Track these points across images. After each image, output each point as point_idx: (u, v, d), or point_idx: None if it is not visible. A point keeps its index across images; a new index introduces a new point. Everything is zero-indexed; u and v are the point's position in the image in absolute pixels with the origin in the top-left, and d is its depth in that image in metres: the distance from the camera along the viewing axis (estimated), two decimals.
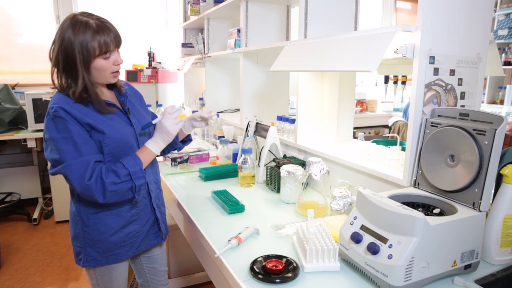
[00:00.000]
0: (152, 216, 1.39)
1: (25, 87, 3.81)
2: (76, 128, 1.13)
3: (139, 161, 1.21)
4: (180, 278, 2.46)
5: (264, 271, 0.99)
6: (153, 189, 1.39)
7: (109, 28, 1.16)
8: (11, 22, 3.78)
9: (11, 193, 3.70)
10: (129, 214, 1.31)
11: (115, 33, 1.18)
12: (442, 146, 1.07)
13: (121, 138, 1.22)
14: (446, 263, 0.92)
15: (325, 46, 1.47)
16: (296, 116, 1.85)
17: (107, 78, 1.21)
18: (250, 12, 2.28)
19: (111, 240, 1.29)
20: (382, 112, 4.75)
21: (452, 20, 1.17)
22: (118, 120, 1.25)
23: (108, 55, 1.16)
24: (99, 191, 1.13)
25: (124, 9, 4.14)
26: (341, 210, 1.30)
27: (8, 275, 2.59)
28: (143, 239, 1.38)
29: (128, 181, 1.17)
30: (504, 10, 4.00)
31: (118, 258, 1.32)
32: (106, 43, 1.14)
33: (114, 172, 1.15)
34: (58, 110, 1.13)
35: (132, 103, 1.36)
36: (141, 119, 1.35)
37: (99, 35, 1.13)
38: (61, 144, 1.13)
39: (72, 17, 1.15)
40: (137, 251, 1.37)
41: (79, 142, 1.13)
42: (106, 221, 1.27)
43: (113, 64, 1.19)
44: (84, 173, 1.12)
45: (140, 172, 1.20)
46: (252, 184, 1.77)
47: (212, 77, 3.12)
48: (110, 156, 1.21)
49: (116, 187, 1.15)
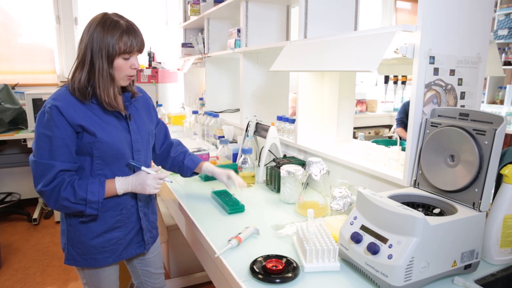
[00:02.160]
0: (137, 225, 1.35)
1: (25, 87, 3.81)
2: (59, 130, 1.13)
3: (102, 192, 1.18)
4: (180, 278, 2.46)
5: (264, 271, 0.99)
6: (142, 198, 1.35)
7: (136, 32, 1.20)
8: (11, 22, 3.77)
9: (11, 193, 3.70)
10: (113, 220, 1.28)
11: (141, 38, 1.21)
12: (442, 146, 1.07)
13: (112, 143, 1.20)
14: (446, 263, 0.92)
15: (325, 46, 1.47)
16: (296, 116, 1.85)
17: (120, 79, 1.22)
18: (250, 12, 2.28)
19: (91, 243, 1.26)
20: (382, 112, 4.75)
21: (452, 20, 1.17)
22: (115, 124, 1.24)
23: (128, 57, 1.19)
24: (52, 200, 1.15)
25: (124, 9, 4.14)
26: (341, 210, 1.30)
27: (8, 275, 2.59)
28: (125, 247, 1.34)
29: (82, 205, 1.17)
30: (504, 10, 4.00)
31: (97, 263, 1.29)
32: (131, 45, 1.17)
33: (73, 190, 1.15)
34: (52, 108, 1.13)
35: (137, 109, 1.34)
36: (142, 127, 1.34)
37: (126, 35, 1.16)
38: (40, 139, 1.14)
39: (104, 15, 1.19)
40: (118, 259, 1.34)
41: (55, 144, 1.13)
42: (88, 224, 1.25)
43: (130, 67, 1.21)
44: (45, 176, 1.13)
45: (96, 204, 1.18)
46: (252, 184, 1.77)
47: (212, 77, 3.12)
48: (100, 160, 1.21)
49: (69, 204, 1.16)
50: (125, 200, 1.29)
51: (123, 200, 1.28)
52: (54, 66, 4.00)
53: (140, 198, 1.34)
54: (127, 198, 1.29)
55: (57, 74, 4.01)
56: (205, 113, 2.81)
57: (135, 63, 1.21)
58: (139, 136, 1.30)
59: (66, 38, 3.92)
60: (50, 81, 4.00)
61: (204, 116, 2.79)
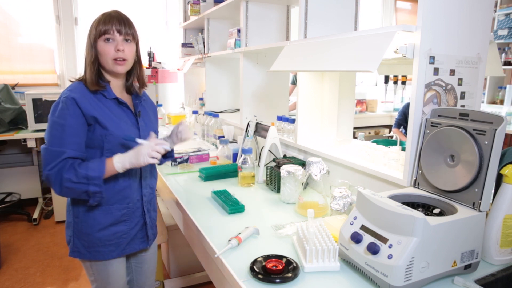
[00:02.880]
0: (141, 220, 1.40)
1: (25, 87, 3.81)
2: (72, 119, 1.19)
3: (102, 168, 1.20)
4: (180, 278, 2.46)
5: (264, 271, 0.99)
6: (146, 194, 1.41)
7: (118, 16, 1.27)
8: (11, 22, 3.78)
9: (11, 193, 3.70)
10: (119, 214, 1.32)
11: (122, 20, 1.27)
12: (442, 146, 1.07)
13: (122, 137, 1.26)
14: (446, 263, 0.92)
15: (325, 46, 1.47)
16: (296, 116, 1.85)
17: (109, 64, 1.26)
18: (250, 12, 2.28)
19: (97, 235, 1.30)
20: (382, 112, 4.75)
21: (452, 20, 1.17)
22: (126, 120, 1.31)
23: (109, 38, 1.24)
24: (57, 184, 1.17)
25: (124, 9, 4.11)
26: (341, 210, 1.30)
27: (8, 275, 2.59)
28: (129, 242, 1.38)
29: (84, 183, 1.18)
30: (504, 10, 4.00)
31: (101, 256, 1.33)
32: (108, 26, 1.24)
33: (74, 170, 1.17)
34: (69, 98, 1.20)
35: (145, 109, 1.42)
36: (150, 124, 1.41)
37: (106, 18, 1.25)
38: (53, 128, 1.20)
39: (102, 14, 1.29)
40: (122, 253, 1.37)
41: (67, 133, 1.19)
42: (95, 216, 1.29)
43: (114, 50, 1.25)
44: (51, 162, 1.17)
45: (97, 180, 1.19)
46: (252, 184, 1.77)
47: (212, 77, 3.12)
48: (110, 153, 1.25)
49: (72, 185, 1.17)
50: (131, 194, 1.34)
51: (129, 193, 1.33)
52: (54, 66, 4.00)
53: (145, 194, 1.39)
54: (133, 191, 1.34)
55: (57, 74, 4.01)
56: (205, 113, 2.81)
57: (118, 45, 1.25)
58: (147, 133, 1.33)
59: (66, 38, 3.92)
60: (50, 81, 4.00)
61: (204, 116, 2.79)
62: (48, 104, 3.27)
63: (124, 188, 1.31)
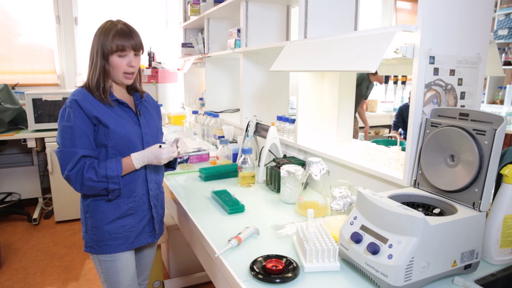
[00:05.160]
0: (148, 214, 1.45)
1: (25, 87, 3.81)
2: (79, 121, 1.27)
3: (120, 167, 1.30)
4: (180, 278, 2.46)
5: (264, 271, 0.99)
6: (152, 188, 1.45)
7: (130, 32, 1.32)
8: (11, 22, 3.77)
9: (11, 193, 3.70)
10: (126, 207, 1.38)
11: (135, 38, 1.33)
12: (442, 146, 1.07)
13: (124, 134, 1.33)
14: (446, 263, 0.92)
15: (325, 46, 1.47)
16: (296, 116, 1.85)
17: (120, 76, 1.34)
18: (250, 12, 2.28)
19: (105, 228, 1.36)
20: (382, 112, 4.76)
21: (452, 20, 1.17)
22: (127, 118, 1.37)
23: (123, 55, 1.31)
24: (78, 183, 1.27)
25: (124, 9, 4.14)
26: (341, 210, 1.30)
27: (8, 275, 2.59)
28: (138, 235, 1.43)
29: (104, 182, 1.28)
30: (504, 10, 4.00)
31: (111, 249, 1.38)
32: (123, 44, 1.30)
33: (94, 170, 1.27)
34: (72, 102, 1.29)
35: (147, 108, 1.48)
36: (152, 123, 1.45)
37: (119, 35, 1.30)
38: (63, 131, 1.28)
39: (106, 22, 1.34)
40: (131, 247, 1.42)
41: (76, 134, 1.27)
42: (103, 209, 1.36)
43: (126, 65, 1.32)
44: (69, 162, 1.26)
45: (116, 178, 1.30)
46: (252, 184, 1.77)
47: (212, 77, 3.12)
48: (114, 150, 1.33)
49: (93, 184, 1.27)
50: (136, 188, 1.39)
51: (134, 187, 1.38)
52: (54, 66, 3.99)
53: (151, 188, 1.43)
54: (139, 185, 1.40)
55: (57, 74, 4.01)
56: (205, 113, 2.81)
57: (131, 61, 1.33)
58: (148, 130, 1.41)
59: (66, 38, 3.91)
60: (50, 81, 4.00)
61: (204, 116, 2.79)
62: (48, 104, 3.27)
63: (129, 182, 1.37)
